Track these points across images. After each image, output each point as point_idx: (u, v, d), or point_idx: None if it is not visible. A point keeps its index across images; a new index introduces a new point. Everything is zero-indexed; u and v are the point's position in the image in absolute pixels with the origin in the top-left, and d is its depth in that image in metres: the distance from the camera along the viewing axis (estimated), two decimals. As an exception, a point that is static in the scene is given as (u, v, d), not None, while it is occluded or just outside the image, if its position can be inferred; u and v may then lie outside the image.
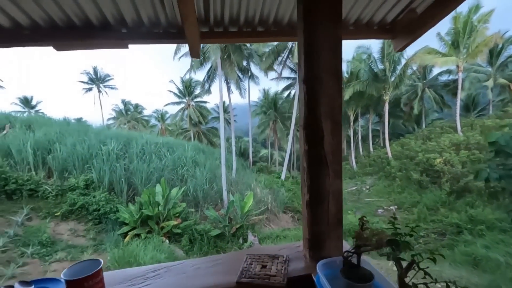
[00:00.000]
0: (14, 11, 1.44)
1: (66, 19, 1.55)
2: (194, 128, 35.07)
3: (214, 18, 1.71)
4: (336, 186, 1.28)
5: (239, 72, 21.65)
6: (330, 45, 1.17)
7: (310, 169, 1.25)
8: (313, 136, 1.22)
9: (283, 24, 1.81)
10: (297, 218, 18.46)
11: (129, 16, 1.60)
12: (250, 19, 1.74)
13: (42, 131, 14.62)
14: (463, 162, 17.74)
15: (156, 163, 15.01)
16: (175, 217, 12.22)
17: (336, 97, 1.22)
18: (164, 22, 1.67)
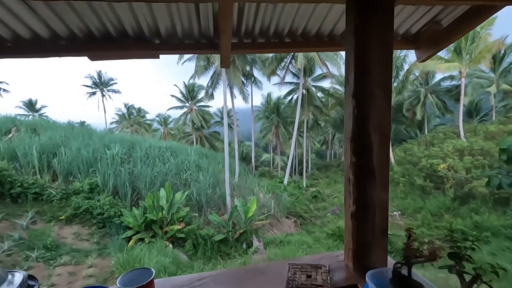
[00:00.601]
0: (54, 22, 1.51)
1: (103, 29, 1.61)
2: (196, 132, 35.18)
3: (245, 29, 1.77)
4: (383, 198, 1.29)
5: (242, 77, 21.80)
6: (381, 60, 1.20)
7: (357, 180, 1.28)
8: (361, 148, 1.25)
9: (310, 36, 1.86)
10: (300, 223, 18.40)
11: (163, 27, 1.66)
12: (280, 30, 1.80)
13: (47, 135, 14.72)
14: (467, 168, 17.69)
15: (159, 167, 15.04)
16: (178, 221, 12.21)
17: (385, 111, 1.24)
18: (196, 33, 1.74)
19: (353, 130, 1.25)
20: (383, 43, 1.19)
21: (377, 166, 1.26)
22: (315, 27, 1.81)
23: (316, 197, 23.52)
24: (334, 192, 26.16)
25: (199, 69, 18.52)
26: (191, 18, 1.62)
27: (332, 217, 19.18)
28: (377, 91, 1.22)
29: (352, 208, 1.30)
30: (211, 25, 1.66)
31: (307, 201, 22.35)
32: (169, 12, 1.57)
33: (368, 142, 1.24)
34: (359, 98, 1.22)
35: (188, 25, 1.68)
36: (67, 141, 14.61)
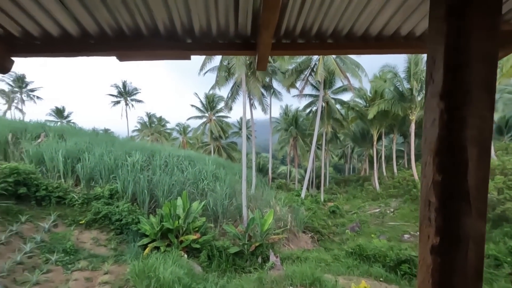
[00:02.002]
0: (85, 18, 1.45)
1: (134, 26, 1.54)
2: (214, 142, 35.50)
3: (286, 28, 1.64)
4: (478, 229, 1.03)
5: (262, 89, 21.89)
6: (483, 51, 0.97)
7: (443, 205, 1.02)
8: (452, 164, 1.01)
9: (355, 37, 1.71)
10: (317, 239, 17.79)
11: (197, 24, 1.56)
12: (323, 30, 1.66)
13: (73, 141, 15.27)
14: (499, 189, 16.55)
15: (178, 175, 15.13)
16: (194, 231, 12.10)
17: (487, 117, 1.01)
18: (232, 32, 1.63)
19: (440, 140, 1.01)
20: (486, 30, 0.95)
21: (472, 188, 0.99)
22: (363, 27, 1.65)
23: (334, 212, 22.78)
24: (353, 208, 25.26)
25: (220, 80, 18.78)
26: (228, 13, 1.51)
27: (351, 234, 18.41)
28: (477, 91, 0.97)
29: (434, 240, 1.03)
30: (249, 23, 1.54)
31: (325, 216, 21.67)
32: (205, 6, 1.47)
33: (462, 156, 0.99)
34: (450, 99, 0.99)
35: (225, 22, 1.58)
36: (91, 147, 15.07)
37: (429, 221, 1.06)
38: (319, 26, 1.65)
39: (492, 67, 0.98)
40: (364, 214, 22.94)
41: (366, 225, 20.41)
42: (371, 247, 13.01)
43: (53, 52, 1.52)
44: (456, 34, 0.97)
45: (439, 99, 1.01)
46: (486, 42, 0.97)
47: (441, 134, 1.01)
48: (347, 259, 12.83)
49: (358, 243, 13.68)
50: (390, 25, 1.67)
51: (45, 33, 1.52)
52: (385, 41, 1.78)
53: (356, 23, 1.63)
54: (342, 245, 16.23)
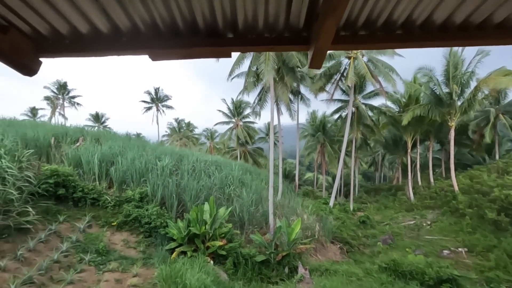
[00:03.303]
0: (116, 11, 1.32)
1: (170, 21, 1.39)
2: (240, 147, 35.66)
3: (347, 18, 1.40)
4: None
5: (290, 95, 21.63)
6: None
7: None
8: None
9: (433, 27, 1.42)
10: (346, 250, 16.99)
11: (242, 16, 1.36)
12: (393, 20, 1.39)
13: (108, 145, 15.97)
14: None
15: (205, 180, 15.23)
16: (220, 237, 12.01)
17: None
18: (282, 24, 1.42)
19: None
20: None
21: None
22: (444, 14, 1.35)
23: (364, 222, 21.71)
24: (385, 219, 23.93)
25: (248, 85, 18.81)
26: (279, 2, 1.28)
27: (383, 247, 17.36)
28: None
29: None
30: (303, 11, 1.30)
31: (354, 227, 20.71)
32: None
33: None
34: None
35: (275, 11, 1.35)
36: (124, 151, 15.66)
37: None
38: (390, 14, 1.35)
39: None
40: (397, 226, 21.62)
41: (399, 238, 19.17)
42: (407, 262, 12.08)
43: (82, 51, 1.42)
44: None
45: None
46: None
47: None
48: (380, 274, 12.02)
49: (392, 257, 12.79)
50: (480, 11, 1.34)
51: (74, 31, 1.42)
52: (471, 31, 1.43)
53: (437, 9, 1.32)
54: (373, 258, 15.33)
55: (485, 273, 12.88)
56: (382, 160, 44.46)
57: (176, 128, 47.07)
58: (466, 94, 22.74)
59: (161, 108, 46.64)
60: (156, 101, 46.16)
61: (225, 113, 35.50)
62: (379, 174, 48.45)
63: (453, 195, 22.21)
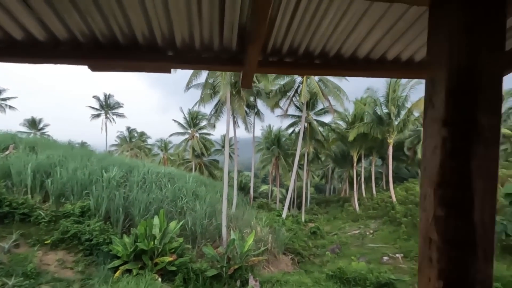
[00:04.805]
0: (53, 21, 1.32)
1: (109, 34, 1.42)
2: (196, 159, 34.92)
3: (273, 46, 1.60)
4: (486, 274, 0.92)
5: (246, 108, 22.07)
6: (488, 77, 0.90)
7: (447, 245, 0.91)
8: (456, 198, 0.91)
9: (344, 58, 1.70)
10: (297, 261, 17.45)
11: (179, 35, 1.47)
12: (311, 50, 1.63)
13: (46, 154, 14.46)
14: None
15: (156, 193, 14.58)
16: (170, 252, 11.51)
17: (494, 147, 0.93)
18: (217, 46, 1.56)
19: (443, 171, 0.91)
20: (491, 51, 0.89)
21: (479, 226, 0.89)
22: (351, 49, 1.65)
23: (315, 233, 22.60)
24: (334, 229, 25.21)
25: (205, 97, 18.77)
26: (213, 26, 1.44)
27: (332, 256, 18.23)
28: (482, 117, 0.89)
29: (437, 284, 0.91)
30: (234, 38, 1.48)
31: (306, 237, 21.42)
32: (188, 17, 1.38)
33: (467, 190, 0.89)
34: (455, 125, 0.90)
35: (209, 35, 1.50)
36: (64, 161, 14.30)
37: (430, 261, 0.96)
38: (307, 45, 1.62)
39: (498, 90, 0.92)
40: (345, 236, 22.93)
41: (346, 247, 20.33)
42: (351, 270, 12.88)
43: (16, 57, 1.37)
44: (459, 56, 0.91)
45: (441, 125, 0.93)
46: (491, 63, 0.92)
47: (443, 164, 0.93)
48: (327, 282, 12.60)
49: (339, 265, 13.52)
50: (378, 48, 1.67)
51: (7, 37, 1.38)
52: (373, 64, 1.79)
53: (345, 44, 1.62)
54: (322, 267, 15.99)
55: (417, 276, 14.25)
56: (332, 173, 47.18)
57: (127, 138, 44.39)
58: (402, 115, 25.60)
59: (111, 116, 43.77)
60: (105, 108, 43.22)
61: (181, 124, 34.63)
62: (329, 187, 51.21)
63: (392, 206, 24.40)
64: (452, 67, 0.91)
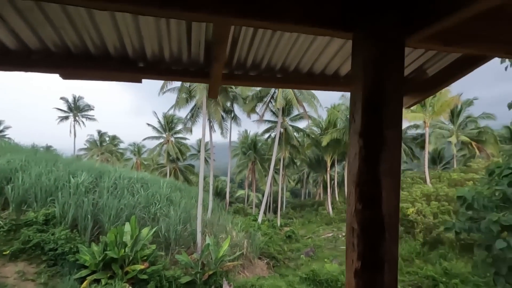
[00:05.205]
0: (26, 33, 1.36)
1: (81, 46, 1.48)
2: (171, 164, 34.19)
3: (237, 61, 1.73)
4: (392, 254, 1.14)
5: (222, 112, 22.09)
6: (393, 98, 1.14)
7: (364, 232, 1.12)
8: (370, 194, 1.13)
9: (302, 73, 1.87)
10: (273, 265, 17.60)
11: (150, 49, 1.56)
12: (272, 65, 1.79)
13: (6, 159, 13.52)
14: (434, 213, 18.30)
15: (128, 199, 14.11)
16: (142, 260, 11.18)
17: (397, 153, 1.15)
18: (185, 60, 1.66)
19: (360, 173, 1.13)
20: (395, 81, 1.13)
21: (386, 216, 1.12)
22: (308, 65, 1.82)
23: (290, 237, 22.93)
24: (308, 233, 25.72)
25: (180, 101, 18.56)
26: (181, 43, 1.54)
27: (306, 259, 18.59)
28: (388, 132, 1.12)
29: (357, 264, 1.12)
30: (201, 53, 1.60)
31: (281, 242, 21.67)
32: (158, 34, 1.47)
33: (377, 188, 1.12)
34: (367, 137, 1.13)
35: (177, 50, 1.60)
36: (27, 166, 13.45)
37: (353, 246, 1.15)
38: (269, 61, 1.78)
39: (399, 111, 1.16)
40: (319, 239, 23.46)
41: (320, 250, 20.81)
42: (324, 272, 13.25)
43: (-16, 63, 1.39)
44: (372, 82, 1.14)
45: (359, 136, 1.15)
46: (395, 90, 1.15)
47: (360, 168, 1.14)
48: (301, 285, 12.84)
49: (312, 268, 13.84)
50: (331, 65, 1.87)
51: None
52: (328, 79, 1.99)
53: (302, 61, 1.80)
54: (296, 270, 16.25)
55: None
56: (307, 178, 48.18)
57: (97, 142, 42.47)
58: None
59: (80, 118, 41.74)
60: (74, 110, 41.16)
61: (155, 128, 33.82)
62: (305, 191, 52.21)
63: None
64: (365, 90, 1.14)
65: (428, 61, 1.77)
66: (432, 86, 1.79)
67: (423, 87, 1.84)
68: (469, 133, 28.68)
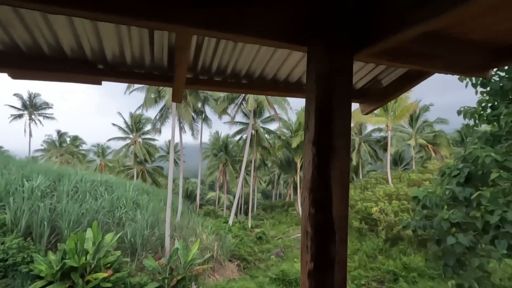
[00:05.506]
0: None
1: (34, 45, 1.38)
2: (138, 166, 32.86)
3: (202, 66, 1.73)
4: (342, 255, 1.21)
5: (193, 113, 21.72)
6: (342, 110, 1.22)
7: (316, 234, 1.19)
8: (321, 199, 1.19)
9: (266, 80, 1.91)
10: (243, 267, 17.60)
11: (110, 52, 1.50)
12: (237, 71, 1.81)
13: None
14: (395, 211, 19.47)
15: (90, 203, 13.35)
16: (105, 268, 10.61)
17: (345, 161, 1.23)
18: (148, 63, 1.62)
19: (313, 179, 1.21)
20: (343, 94, 1.22)
21: (336, 219, 1.20)
22: (272, 72, 1.87)
23: (260, 238, 23.09)
24: (279, 233, 26.08)
25: (148, 101, 17.95)
26: (143, 47, 1.51)
27: (276, 260, 18.83)
28: (337, 141, 1.21)
29: (310, 265, 1.20)
30: (165, 57, 1.58)
31: (252, 243, 21.75)
32: (118, 37, 1.43)
33: (328, 193, 1.19)
34: (319, 146, 1.21)
35: (140, 54, 1.56)
36: (-28, 169, 12.20)
37: (307, 248, 1.23)
38: (234, 67, 1.81)
39: (348, 122, 1.26)
40: (289, 239, 23.88)
41: (290, 250, 21.19)
42: (293, 271, 13.52)
43: None
44: (323, 94, 1.23)
45: (312, 145, 1.23)
46: (344, 102, 1.25)
47: (313, 174, 1.22)
48: (271, 285, 12.99)
49: (282, 268, 14.07)
50: (294, 72, 1.95)
51: None
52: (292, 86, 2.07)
53: (266, 68, 1.86)
54: (267, 271, 16.40)
55: (351, 273, 15.59)
56: (278, 179, 48.89)
57: (56, 142, 39.55)
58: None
59: (37, 117, 38.63)
60: (29, 108, 38.00)
61: (121, 128, 32.31)
62: (276, 192, 52.92)
63: (331, 209, 26.29)
64: (317, 102, 1.23)
65: (382, 73, 1.93)
66: (387, 95, 1.96)
67: (379, 96, 2.00)
68: (426, 137, 30.99)
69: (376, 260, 16.57)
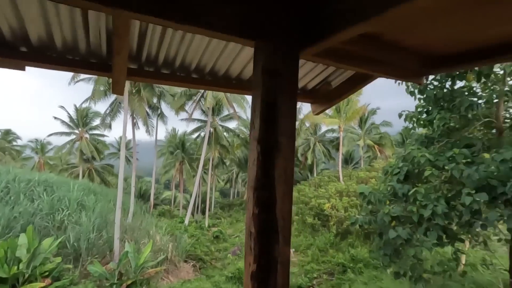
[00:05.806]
0: None
1: None
2: (85, 164, 30.23)
3: (147, 56, 1.60)
4: (285, 255, 1.19)
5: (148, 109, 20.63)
6: (287, 108, 1.20)
7: (259, 235, 1.16)
8: (265, 199, 1.16)
9: (218, 75, 1.85)
10: (199, 267, 17.28)
11: (35, 34, 1.29)
12: (187, 64, 1.71)
13: None
14: (345, 207, 20.80)
15: (24, 206, 11.91)
16: (43, 277, 9.56)
17: (289, 160, 1.21)
18: (83, 49, 1.44)
19: (257, 178, 1.17)
20: (289, 92, 1.21)
21: (280, 219, 1.18)
22: (223, 67, 1.82)
23: (217, 237, 22.89)
24: (236, 232, 26.12)
25: (97, 93, 16.56)
26: (76, 30, 1.33)
27: (233, 258, 18.83)
28: (282, 139, 1.19)
29: (253, 267, 1.16)
30: (103, 43, 1.42)
31: (208, 242, 21.45)
32: (43, 15, 1.24)
33: (272, 193, 1.17)
34: (264, 144, 1.18)
35: (72, 37, 1.38)
36: None
37: (250, 249, 1.20)
38: (183, 60, 1.71)
39: (293, 121, 1.26)
40: (245, 237, 24.06)
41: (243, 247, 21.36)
42: (248, 268, 13.63)
43: None
44: (268, 91, 1.20)
45: (257, 143, 1.20)
46: (289, 99, 1.24)
47: (257, 173, 1.19)
48: (227, 284, 12.94)
49: (238, 266, 14.10)
50: (246, 70, 1.93)
51: None
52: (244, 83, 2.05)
53: (217, 63, 1.79)
54: (223, 270, 16.32)
55: (304, 267, 16.26)
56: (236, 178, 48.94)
57: (-18, 137, 34.55)
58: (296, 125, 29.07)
59: (-43, 107, 33.28)
60: None
61: (65, 122, 29.32)
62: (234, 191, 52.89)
63: (287, 206, 27.12)
64: (263, 100, 1.21)
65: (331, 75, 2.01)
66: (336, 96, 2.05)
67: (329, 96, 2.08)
68: (373, 138, 33.65)
69: (328, 253, 17.53)
